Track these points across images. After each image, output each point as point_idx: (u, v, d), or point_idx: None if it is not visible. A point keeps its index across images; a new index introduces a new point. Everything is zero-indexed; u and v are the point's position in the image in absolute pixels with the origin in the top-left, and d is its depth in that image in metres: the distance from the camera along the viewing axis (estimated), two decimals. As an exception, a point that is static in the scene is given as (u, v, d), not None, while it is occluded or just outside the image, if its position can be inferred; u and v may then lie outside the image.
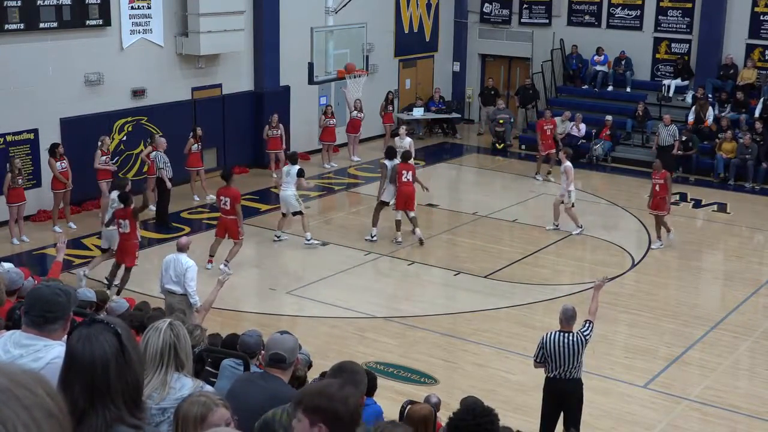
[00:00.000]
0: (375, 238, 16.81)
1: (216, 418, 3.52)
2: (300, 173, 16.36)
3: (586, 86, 25.76)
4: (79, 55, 18.05)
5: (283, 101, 22.26)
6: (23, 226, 16.43)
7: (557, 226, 17.63)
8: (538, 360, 9.39)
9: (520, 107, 26.19)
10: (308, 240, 16.48)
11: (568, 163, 17.23)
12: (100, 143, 17.61)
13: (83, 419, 2.57)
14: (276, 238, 16.81)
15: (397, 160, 16.93)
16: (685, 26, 24.69)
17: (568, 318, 9.33)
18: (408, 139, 19.21)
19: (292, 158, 16.87)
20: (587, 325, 9.34)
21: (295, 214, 16.58)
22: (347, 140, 23.11)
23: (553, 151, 21.14)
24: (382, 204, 16.94)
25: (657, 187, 16.62)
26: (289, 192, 16.40)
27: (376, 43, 23.63)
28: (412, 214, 16.78)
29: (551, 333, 9.28)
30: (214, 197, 19.40)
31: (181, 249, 11.89)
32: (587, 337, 9.22)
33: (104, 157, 17.62)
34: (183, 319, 10.47)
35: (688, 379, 11.91)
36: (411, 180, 16.69)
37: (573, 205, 17.31)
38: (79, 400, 2.58)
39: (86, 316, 5.16)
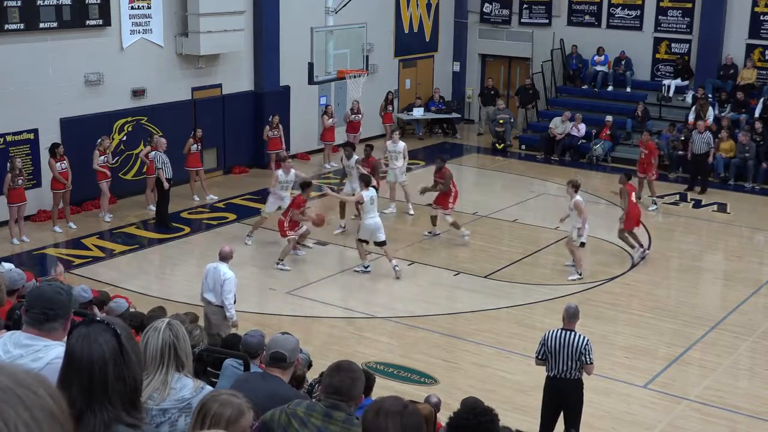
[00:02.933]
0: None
1: (246, 421, 3.51)
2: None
3: (586, 86, 25.76)
4: (79, 55, 18.05)
5: (283, 101, 22.25)
6: (23, 226, 16.42)
7: (580, 274, 15.27)
8: (539, 357, 9.40)
9: (520, 107, 26.20)
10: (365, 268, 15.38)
11: (578, 198, 15.12)
12: (99, 143, 17.63)
13: (81, 419, 2.57)
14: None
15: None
16: (685, 26, 24.69)
17: (570, 315, 9.36)
18: (401, 143, 18.80)
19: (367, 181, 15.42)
20: (591, 356, 9.29)
21: (378, 244, 15.23)
22: (347, 140, 23.05)
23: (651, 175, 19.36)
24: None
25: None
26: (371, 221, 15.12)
27: (376, 43, 23.63)
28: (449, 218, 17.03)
29: (554, 330, 9.31)
30: (215, 197, 19.50)
31: (223, 258, 11.31)
32: (588, 346, 9.22)
33: (102, 157, 17.62)
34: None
35: (688, 379, 11.91)
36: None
37: (582, 245, 15.30)
38: (77, 400, 2.58)
39: (86, 315, 5.16)
